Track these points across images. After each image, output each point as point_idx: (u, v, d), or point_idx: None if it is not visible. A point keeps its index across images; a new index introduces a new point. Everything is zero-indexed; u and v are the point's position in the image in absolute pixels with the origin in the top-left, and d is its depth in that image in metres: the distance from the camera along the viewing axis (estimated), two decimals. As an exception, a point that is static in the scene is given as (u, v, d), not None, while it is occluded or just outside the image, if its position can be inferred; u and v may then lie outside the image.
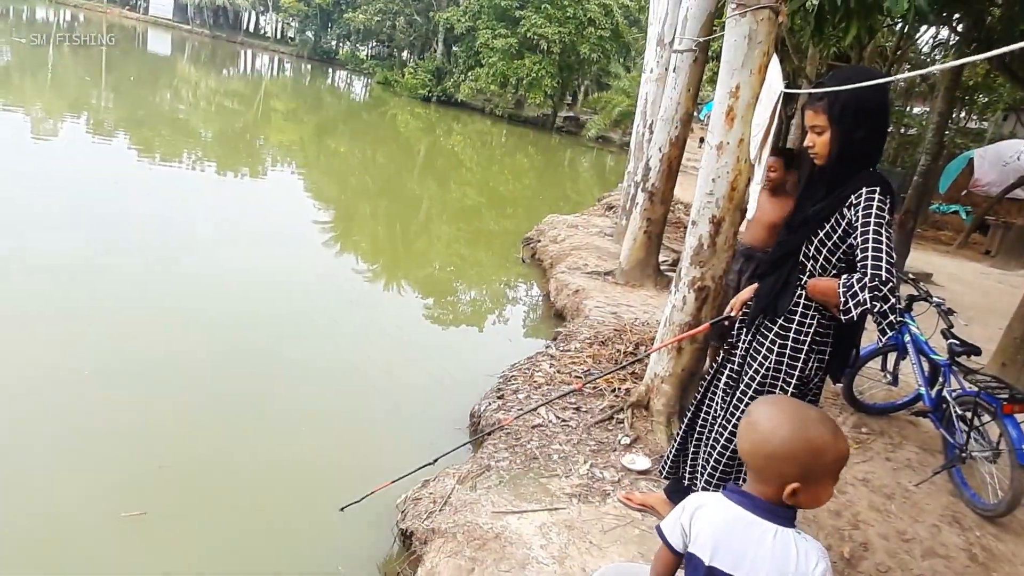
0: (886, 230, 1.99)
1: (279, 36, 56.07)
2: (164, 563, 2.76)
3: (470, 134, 25.96)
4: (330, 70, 46.29)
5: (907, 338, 4.13)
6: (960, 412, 3.63)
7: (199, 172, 10.61)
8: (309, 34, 49.35)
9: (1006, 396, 3.37)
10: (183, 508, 3.08)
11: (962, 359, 3.78)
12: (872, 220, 2.00)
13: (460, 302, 7.23)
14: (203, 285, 5.79)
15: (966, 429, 3.58)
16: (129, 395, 3.87)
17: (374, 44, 44.23)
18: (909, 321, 4.14)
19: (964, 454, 3.58)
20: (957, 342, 3.71)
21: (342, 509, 2.90)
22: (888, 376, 4.45)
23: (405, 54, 40.20)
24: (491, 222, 11.75)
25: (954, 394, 3.68)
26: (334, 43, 49.01)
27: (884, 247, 1.95)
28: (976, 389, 3.52)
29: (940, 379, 3.85)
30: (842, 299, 1.98)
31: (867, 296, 1.92)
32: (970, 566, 3.07)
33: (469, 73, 31.54)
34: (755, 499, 1.32)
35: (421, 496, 3.02)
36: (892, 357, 4.43)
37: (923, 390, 3.99)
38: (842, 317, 2.03)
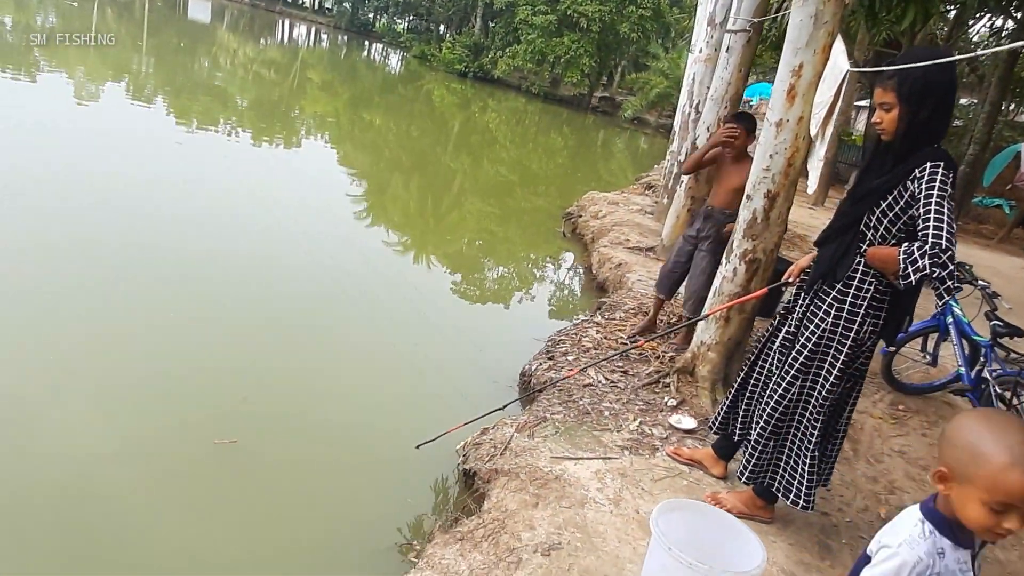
0: (948, 203, 2.12)
1: (317, 6, 56.13)
2: (251, 487, 3.03)
3: (504, 111, 25.98)
4: (366, 42, 46.39)
5: (950, 319, 4.24)
6: (999, 391, 3.74)
7: (234, 141, 10.83)
8: (347, 5, 49.33)
9: (1047, 376, 3.48)
10: (269, 439, 3.35)
11: (1004, 341, 3.88)
12: (935, 193, 2.12)
13: (503, 275, 7.43)
14: (279, 242, 6.07)
15: (1004, 408, 3.70)
16: (211, 339, 4.18)
17: (411, 17, 44.16)
18: (953, 303, 4.23)
19: (1000, 432, 3.70)
20: (1001, 323, 3.81)
21: (418, 447, 3.15)
22: (928, 357, 4.56)
23: (442, 28, 40.12)
24: (524, 200, 11.90)
25: (995, 374, 3.79)
26: (371, 15, 49.00)
27: (945, 218, 2.08)
28: (1018, 369, 3.63)
29: (981, 359, 3.96)
30: (902, 265, 2.11)
31: (927, 263, 2.05)
32: (1002, 535, 3.21)
33: (507, 50, 31.41)
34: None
35: (482, 441, 3.24)
36: (933, 339, 4.53)
37: (963, 370, 4.10)
38: (900, 283, 2.16)
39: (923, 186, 2.15)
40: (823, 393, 2.49)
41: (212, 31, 32.41)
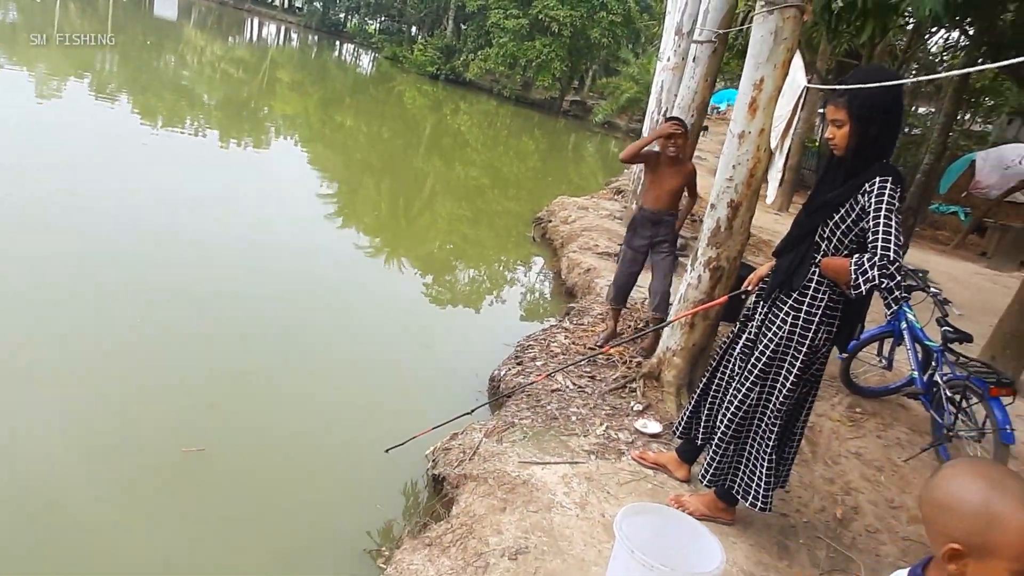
0: (895, 216, 2.22)
1: (287, 5, 55.50)
2: (220, 495, 3.02)
3: (476, 114, 26.03)
4: (337, 42, 46.03)
5: (903, 324, 4.39)
6: (950, 395, 3.89)
7: (201, 139, 10.69)
8: (317, 4, 48.91)
9: (994, 380, 3.64)
10: (237, 446, 3.35)
11: (955, 346, 4.04)
12: (884, 206, 2.23)
13: (471, 279, 7.47)
14: (240, 243, 6.01)
15: (954, 411, 3.85)
16: (177, 345, 4.13)
17: (383, 18, 43.97)
18: (907, 308, 4.39)
19: (951, 434, 3.86)
20: (951, 329, 3.97)
21: (387, 451, 3.17)
22: (883, 361, 4.72)
23: (414, 30, 40.01)
24: (495, 203, 11.96)
25: (945, 378, 3.94)
26: (342, 15, 48.65)
27: (893, 231, 2.19)
28: (966, 373, 3.78)
29: (933, 364, 4.11)
30: (853, 275, 2.21)
31: (876, 273, 2.15)
32: (951, 533, 3.35)
33: (479, 53, 31.47)
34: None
35: (451, 447, 3.28)
36: (888, 343, 4.69)
37: (916, 374, 4.24)
38: (851, 292, 2.26)
39: (873, 200, 2.26)
40: (780, 398, 2.59)
41: (179, 28, 31.85)
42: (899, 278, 2.14)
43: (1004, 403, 3.59)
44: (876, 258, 2.15)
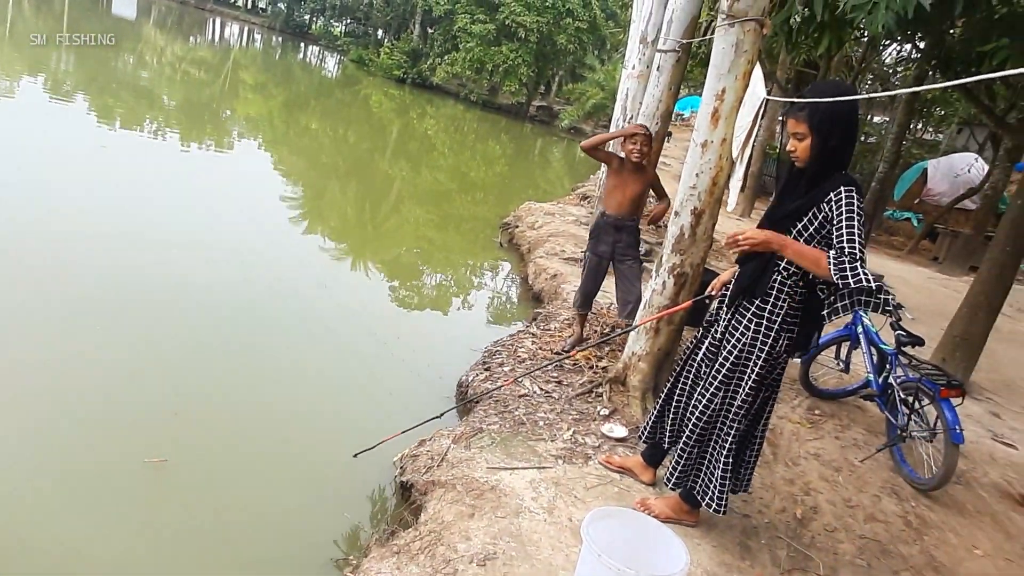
0: (859, 221, 2.33)
1: (250, 6, 54.74)
2: (184, 505, 2.96)
3: (443, 118, 25.99)
4: (302, 44, 45.53)
5: (859, 329, 4.53)
6: (903, 396, 4.03)
7: (161, 141, 10.47)
8: (281, 6, 48.30)
9: (944, 382, 3.78)
10: (201, 455, 3.29)
11: (907, 349, 4.18)
12: (851, 213, 2.34)
13: (439, 283, 7.46)
14: (205, 250, 5.90)
15: (907, 412, 3.99)
16: (139, 354, 4.04)
17: (349, 21, 43.62)
18: (862, 314, 4.53)
19: (905, 434, 3.99)
20: (904, 333, 4.11)
21: (355, 456, 3.15)
22: (841, 364, 4.86)
23: (380, 33, 39.80)
24: (463, 207, 11.97)
25: (899, 380, 4.08)
26: (307, 17, 48.14)
27: (857, 234, 2.30)
28: (918, 376, 3.92)
29: (887, 367, 4.25)
30: (834, 267, 2.29)
31: (855, 275, 2.26)
32: (905, 530, 3.46)
33: (445, 57, 31.46)
34: None
35: (419, 453, 3.28)
36: (845, 347, 4.84)
37: (872, 376, 4.39)
38: (834, 276, 2.31)
39: (842, 208, 2.36)
40: (740, 402, 2.65)
41: (138, 27, 31.13)
42: (863, 276, 2.25)
43: (954, 404, 3.73)
44: (857, 261, 2.26)
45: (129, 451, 3.15)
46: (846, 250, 2.28)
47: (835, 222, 2.35)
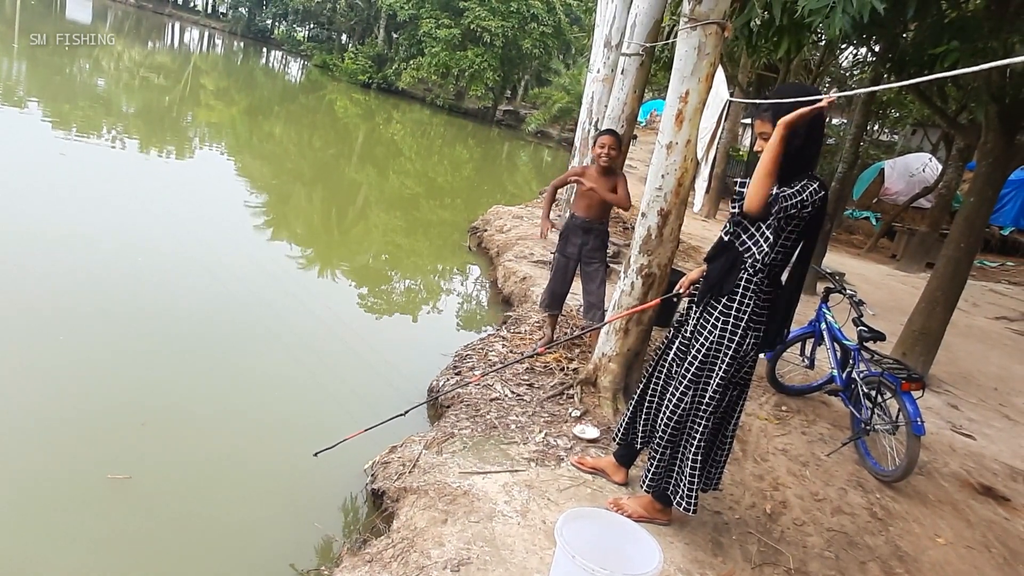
0: (795, 196, 2.45)
1: (210, 10, 53.79)
2: (149, 520, 2.87)
3: (409, 123, 25.83)
4: (264, 49, 44.87)
5: (823, 325, 4.62)
6: (866, 390, 4.12)
7: (120, 149, 10.21)
8: (243, 10, 47.54)
9: (905, 376, 3.87)
10: (165, 468, 3.20)
11: (869, 344, 4.28)
12: (796, 192, 2.46)
13: (408, 289, 7.41)
14: (171, 250, 5.76)
15: (870, 406, 4.08)
16: (101, 365, 3.92)
17: (312, 26, 43.13)
18: (826, 310, 4.62)
19: (868, 428, 4.08)
20: (866, 328, 4.20)
21: (316, 455, 3.09)
22: (806, 360, 4.95)
23: (344, 38, 39.44)
24: (431, 212, 11.90)
25: (862, 375, 4.17)
26: (269, 21, 47.49)
27: (785, 195, 2.45)
28: (880, 370, 4.01)
29: (850, 362, 4.34)
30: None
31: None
32: (871, 522, 3.53)
33: (411, 62, 31.28)
34: None
35: (390, 460, 3.24)
36: (810, 343, 4.93)
37: (835, 372, 4.48)
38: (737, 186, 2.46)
39: (795, 188, 2.47)
40: (707, 401, 2.68)
41: (94, 32, 30.34)
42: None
43: (915, 397, 3.82)
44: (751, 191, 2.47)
45: (91, 463, 3.05)
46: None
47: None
